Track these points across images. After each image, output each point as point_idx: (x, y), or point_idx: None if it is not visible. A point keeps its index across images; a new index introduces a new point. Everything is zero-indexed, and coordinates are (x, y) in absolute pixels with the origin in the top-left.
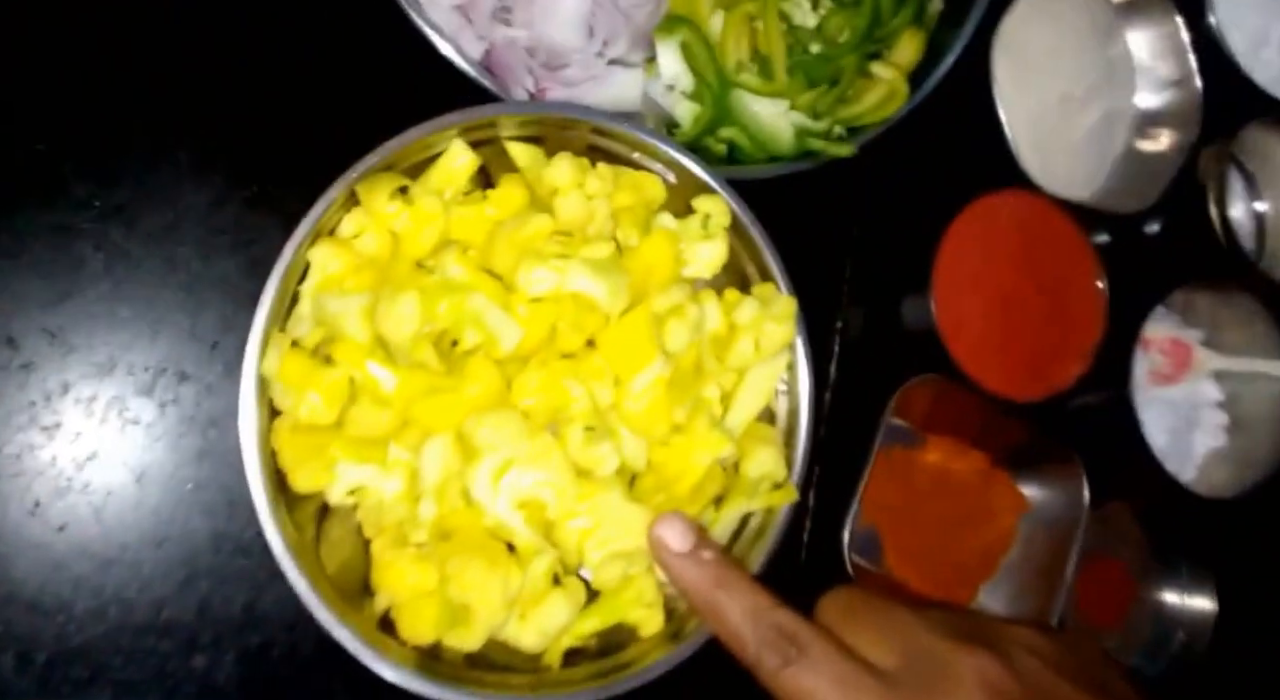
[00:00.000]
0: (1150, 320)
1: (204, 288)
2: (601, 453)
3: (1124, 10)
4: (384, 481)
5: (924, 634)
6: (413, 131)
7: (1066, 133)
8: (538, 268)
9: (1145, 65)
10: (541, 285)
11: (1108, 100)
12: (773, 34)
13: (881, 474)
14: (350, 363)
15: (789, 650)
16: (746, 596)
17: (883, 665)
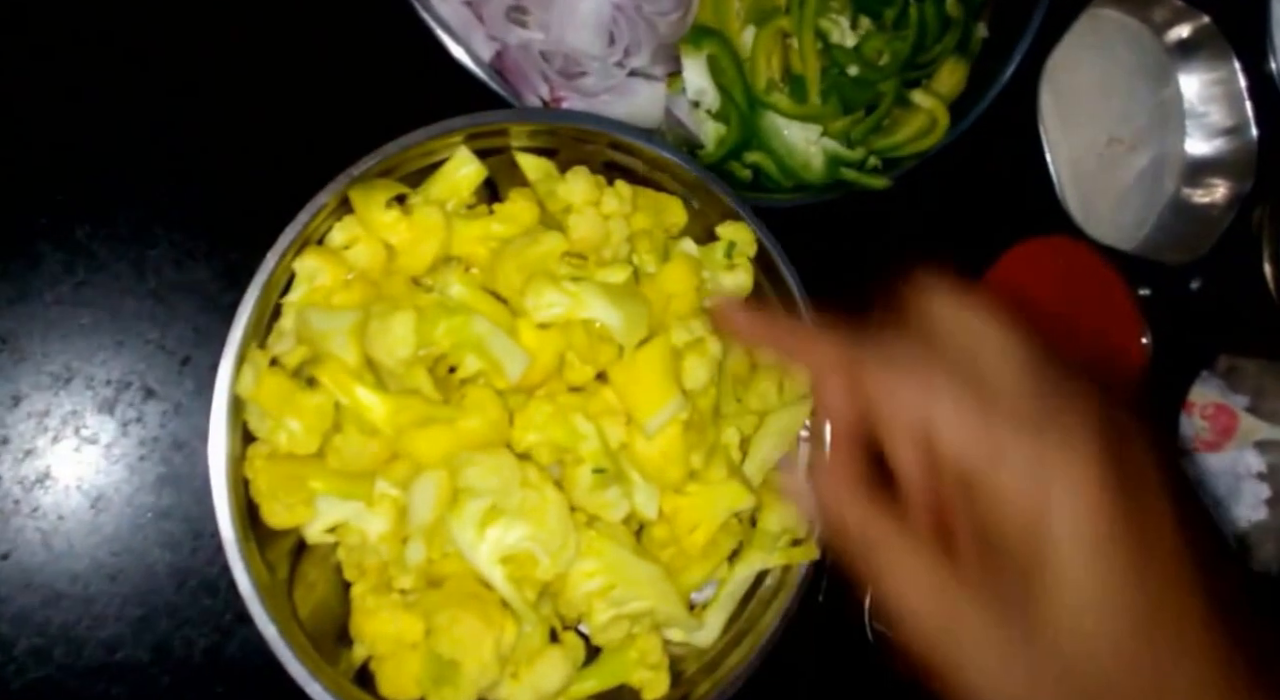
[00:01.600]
0: (1194, 383)
1: (176, 296)
2: (610, 498)
3: (1178, 50)
4: (368, 520)
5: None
6: (414, 135)
7: (1113, 177)
8: (549, 290)
9: (1197, 110)
10: (552, 310)
11: (1157, 145)
12: (808, 53)
13: None
14: (336, 386)
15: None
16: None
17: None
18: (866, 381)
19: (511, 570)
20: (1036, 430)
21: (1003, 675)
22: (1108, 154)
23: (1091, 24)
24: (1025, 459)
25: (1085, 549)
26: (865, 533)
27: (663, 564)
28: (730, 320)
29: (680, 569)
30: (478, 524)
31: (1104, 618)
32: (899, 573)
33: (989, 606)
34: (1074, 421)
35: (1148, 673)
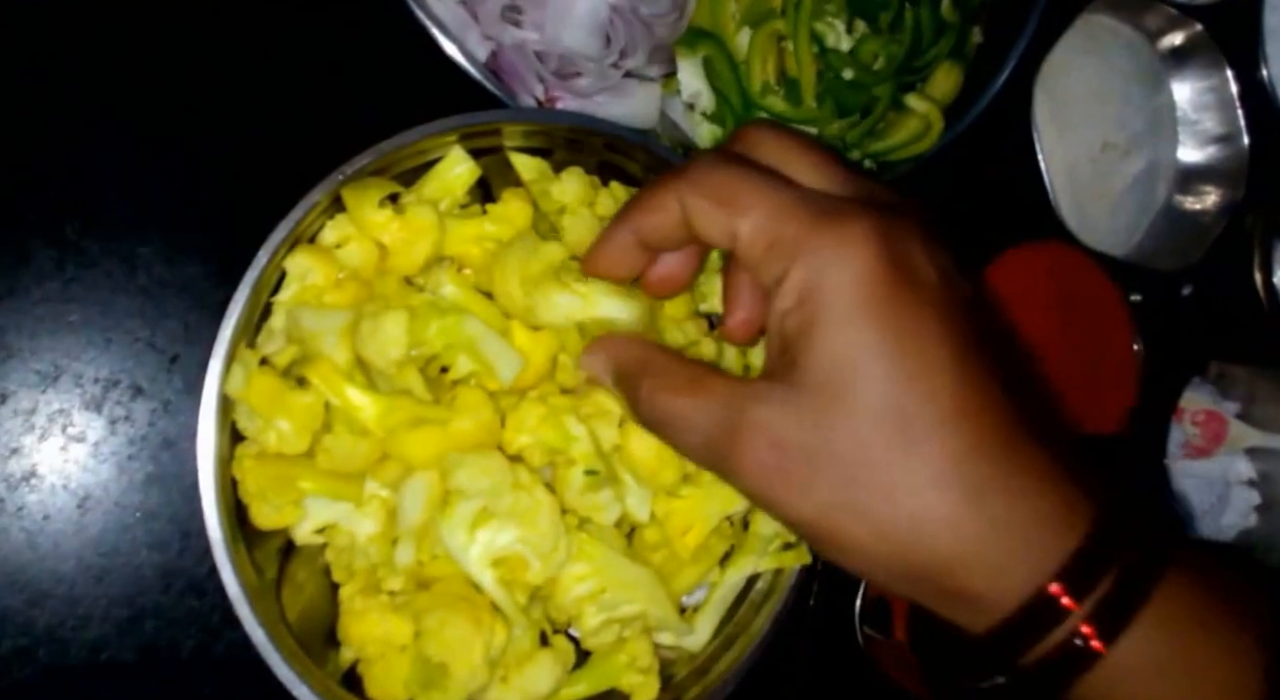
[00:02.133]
0: (1185, 389)
1: (166, 293)
2: (602, 501)
3: (1171, 58)
4: (358, 521)
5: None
6: (408, 134)
7: (1106, 183)
8: (557, 293)
9: (1190, 118)
10: (565, 309)
11: (1150, 152)
12: (803, 55)
13: None
14: (326, 386)
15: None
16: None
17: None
18: (685, 201)
19: (502, 573)
20: (823, 223)
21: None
22: (1101, 160)
23: (1086, 30)
24: (810, 250)
25: (850, 312)
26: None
27: (654, 567)
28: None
29: (672, 572)
30: (468, 526)
31: (865, 380)
32: (680, 389)
33: (779, 404)
34: (855, 213)
35: (897, 435)
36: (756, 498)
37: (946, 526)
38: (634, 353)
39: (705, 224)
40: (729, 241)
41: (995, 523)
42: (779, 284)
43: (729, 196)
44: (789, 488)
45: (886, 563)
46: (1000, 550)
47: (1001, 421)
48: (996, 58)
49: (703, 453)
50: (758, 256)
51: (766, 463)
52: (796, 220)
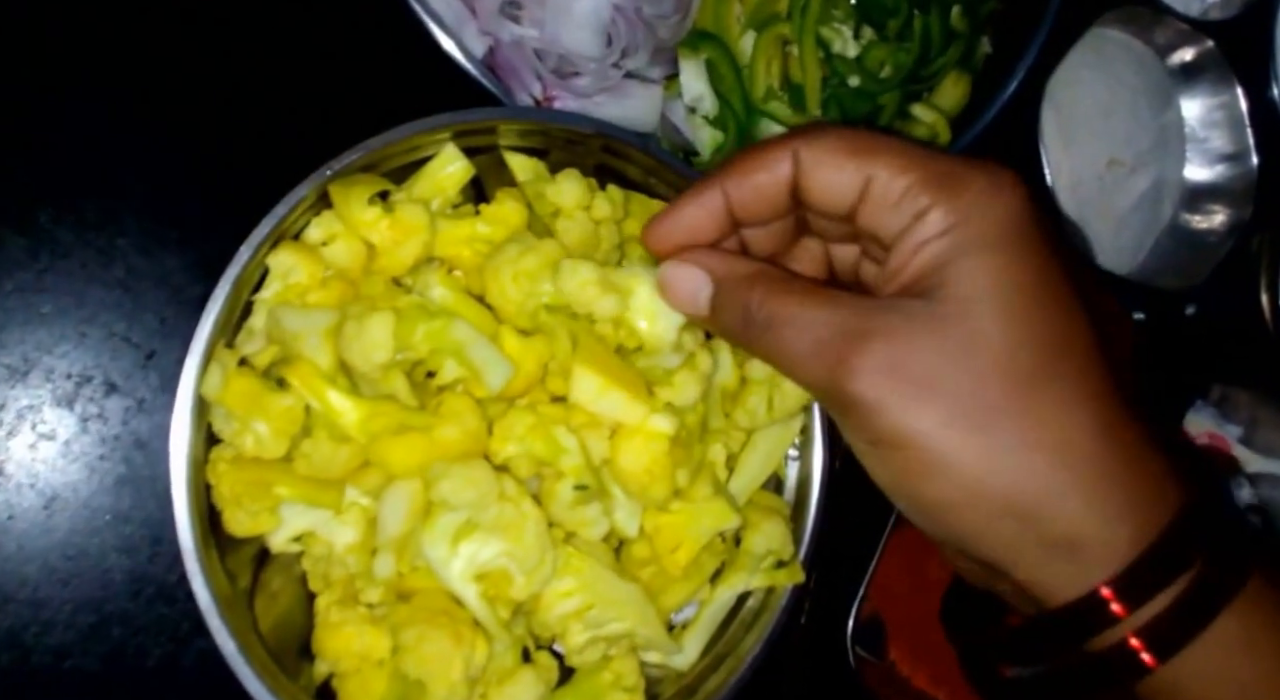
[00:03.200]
0: (1188, 411)
1: (143, 287)
2: (590, 515)
3: (1180, 74)
4: (336, 529)
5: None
6: (400, 130)
7: (1112, 200)
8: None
9: (1198, 135)
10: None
11: (1157, 169)
12: (809, 61)
13: (891, 556)
14: (306, 389)
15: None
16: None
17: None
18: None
19: (485, 588)
20: (972, 165)
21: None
22: (1108, 176)
23: (1095, 44)
24: (963, 184)
25: (1001, 244)
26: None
27: (643, 584)
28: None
29: (661, 589)
30: (451, 539)
31: (1008, 311)
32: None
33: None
34: (994, 164)
35: (1037, 365)
36: (860, 406)
37: (1067, 466)
38: (740, 263)
39: (829, 175)
40: (854, 192)
41: (1113, 474)
42: (920, 217)
43: (861, 145)
44: (903, 399)
45: (991, 495)
46: (1116, 501)
47: (1119, 380)
48: (1004, 69)
49: (810, 358)
50: (896, 195)
51: (883, 369)
52: (939, 161)
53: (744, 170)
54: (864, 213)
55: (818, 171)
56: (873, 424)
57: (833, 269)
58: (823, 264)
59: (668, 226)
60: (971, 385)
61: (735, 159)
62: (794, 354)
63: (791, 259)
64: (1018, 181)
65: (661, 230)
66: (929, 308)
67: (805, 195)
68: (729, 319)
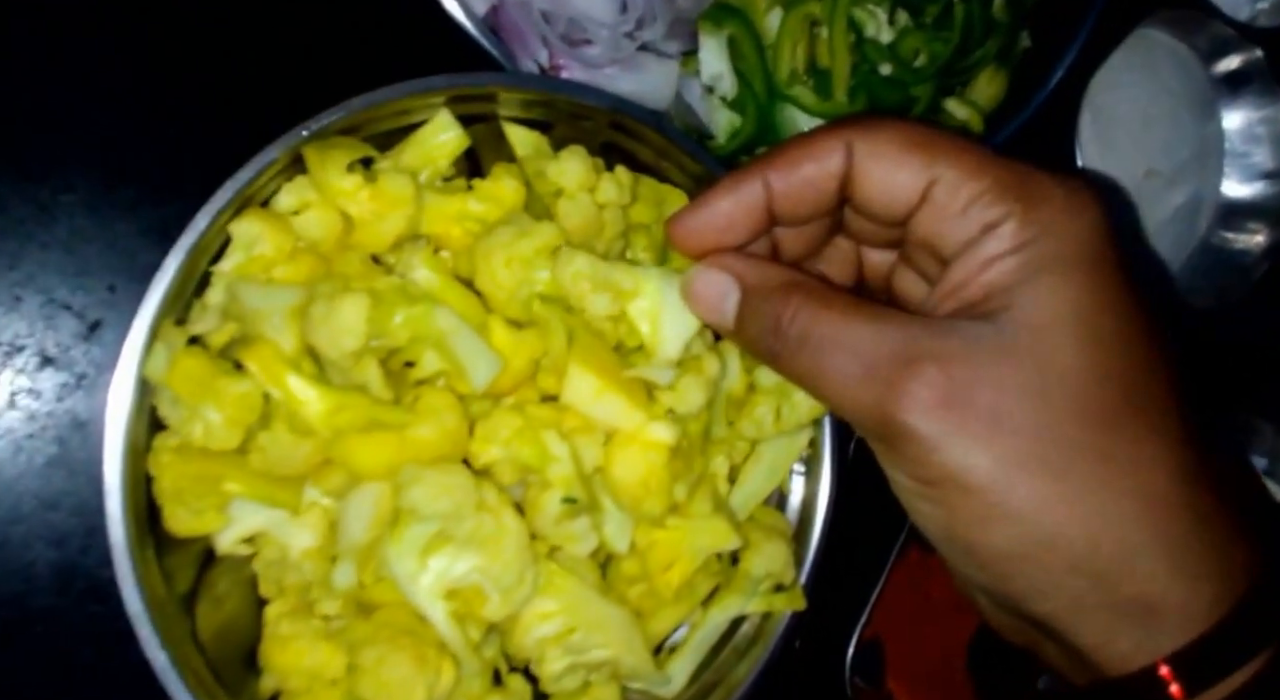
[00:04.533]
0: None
1: (89, 250)
2: (577, 529)
3: (1224, 83)
4: (292, 531)
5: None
6: (389, 90)
7: (1147, 212)
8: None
9: (1238, 149)
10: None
11: (1196, 183)
12: (839, 45)
13: (893, 580)
14: (266, 375)
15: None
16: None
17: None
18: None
19: (455, 607)
20: (1047, 176)
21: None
22: (1145, 187)
23: (1140, 45)
24: (1041, 198)
25: (1081, 266)
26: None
27: (630, 605)
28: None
29: (649, 611)
30: (420, 551)
31: (1087, 345)
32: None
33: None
34: (1071, 176)
35: (1119, 404)
36: (912, 440)
37: (1151, 519)
38: (773, 271)
39: (887, 172)
40: (914, 194)
41: (1197, 531)
42: (990, 229)
43: (926, 141)
44: (963, 434)
45: (1062, 548)
46: (1197, 563)
47: (1199, 422)
48: (1043, 66)
49: (853, 382)
50: (963, 202)
51: (941, 399)
52: (1014, 168)
53: (790, 161)
54: (922, 219)
55: (874, 168)
56: (926, 461)
57: (861, 275)
58: (852, 269)
59: (698, 221)
60: (1045, 422)
61: (780, 148)
62: (834, 376)
63: (818, 260)
64: (1097, 197)
65: (691, 225)
66: (996, 332)
67: (857, 193)
68: (757, 332)
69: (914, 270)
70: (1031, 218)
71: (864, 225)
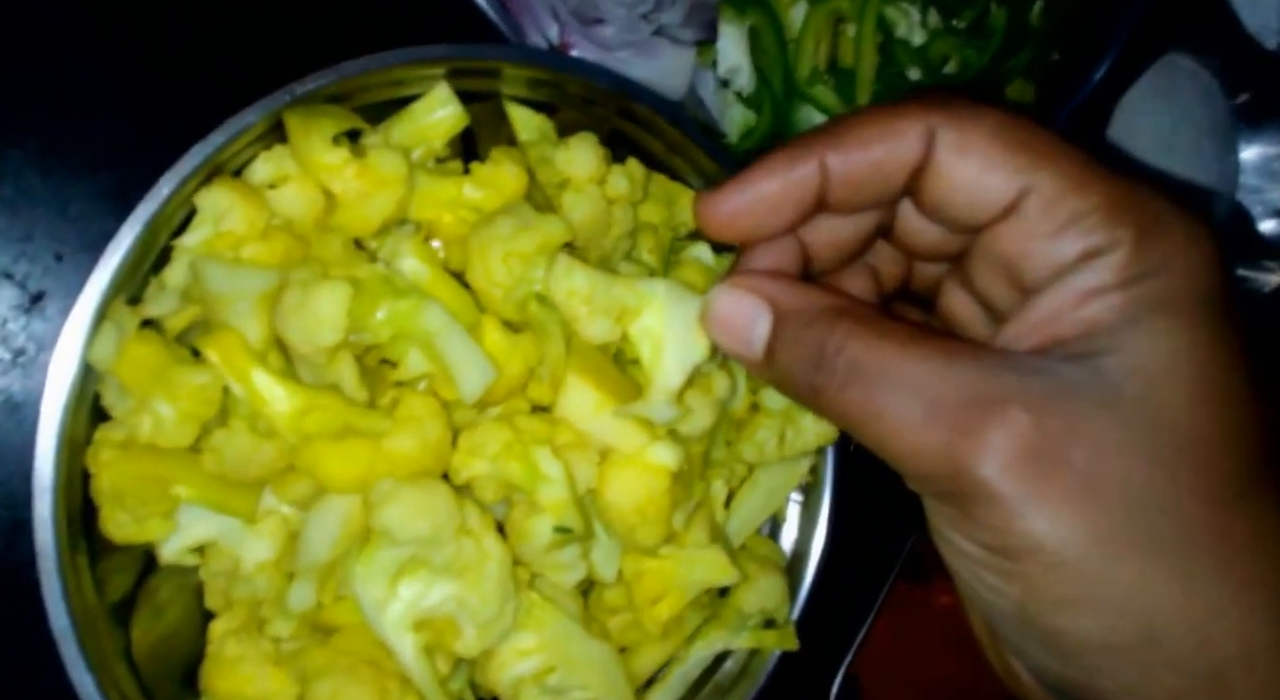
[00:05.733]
0: None
1: (37, 214)
2: (565, 559)
3: (1245, 116)
4: (246, 542)
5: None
6: (384, 56)
7: None
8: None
9: (1252, 184)
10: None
11: (1213, 215)
12: (866, 43)
13: (879, 614)
14: (228, 367)
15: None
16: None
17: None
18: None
19: (425, 639)
20: (1162, 202)
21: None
22: None
23: (1166, 70)
24: (1158, 227)
25: (1203, 311)
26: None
27: (612, 638)
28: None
29: (633, 645)
30: (390, 577)
31: (1207, 402)
32: (903, 370)
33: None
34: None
35: (1239, 475)
36: (987, 499)
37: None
38: (814, 293)
39: (974, 171)
40: (1002, 201)
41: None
42: (1093, 256)
43: (1024, 140)
44: (1053, 497)
45: (1174, 643)
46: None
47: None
48: (1071, 83)
49: (915, 425)
50: (1061, 219)
51: (1026, 452)
52: (1124, 187)
53: (859, 140)
54: (1004, 233)
55: (958, 164)
56: (1004, 527)
57: (884, 288)
58: (874, 282)
59: (736, 203)
60: (1155, 492)
61: (846, 122)
62: (892, 417)
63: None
64: (1212, 231)
65: (726, 207)
66: (1096, 378)
67: (929, 190)
68: (794, 365)
69: (969, 291)
70: (1147, 249)
71: (920, 228)
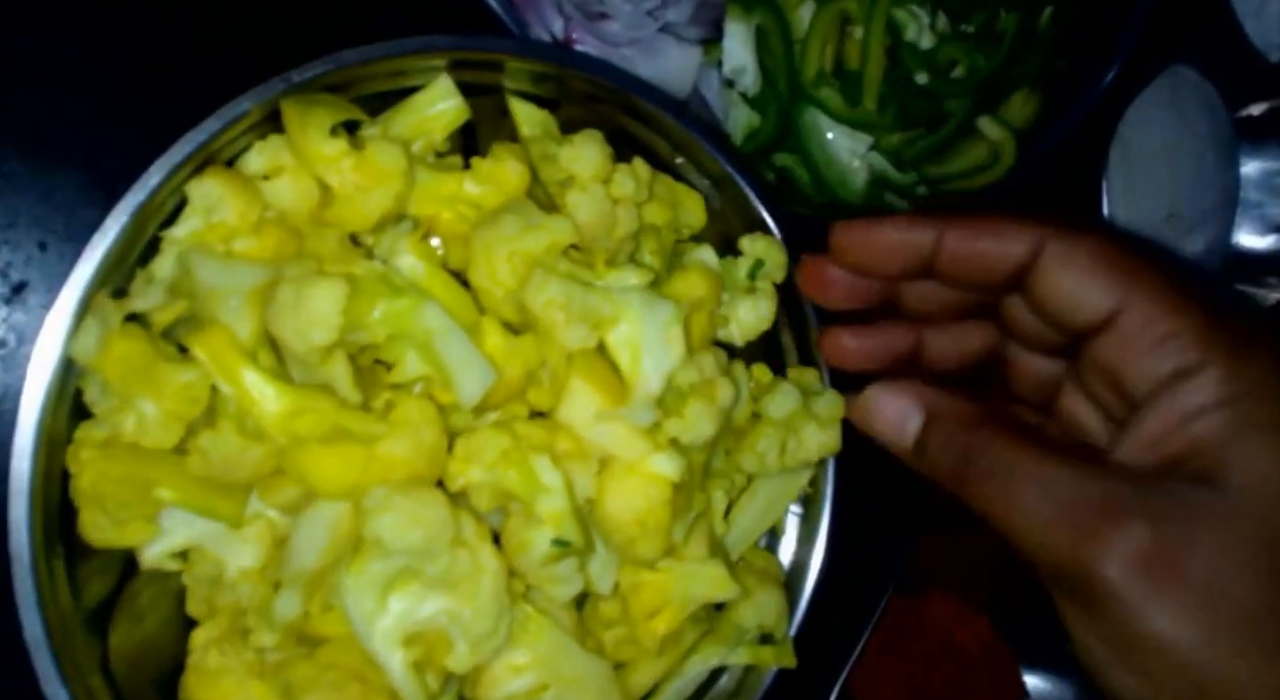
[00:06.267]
0: None
1: (22, 200)
2: (562, 572)
3: (1247, 130)
4: (231, 547)
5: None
6: (384, 46)
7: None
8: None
9: (1252, 199)
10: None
11: (1214, 231)
12: (873, 46)
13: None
14: (216, 365)
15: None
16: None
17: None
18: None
19: (415, 654)
20: (1251, 324)
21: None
22: (1165, 230)
23: (1171, 82)
24: (1252, 347)
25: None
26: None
27: (607, 654)
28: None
29: (628, 660)
30: (380, 590)
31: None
32: (1032, 483)
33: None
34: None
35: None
36: (1109, 598)
37: None
38: (963, 402)
39: (1072, 281)
40: (1099, 314)
41: None
42: (1187, 375)
43: (1122, 262)
44: (1174, 603)
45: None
46: None
47: None
48: (1077, 91)
49: (1052, 521)
50: (1155, 337)
51: (1149, 559)
52: (1215, 312)
53: (973, 228)
54: (1104, 344)
55: (1061, 274)
56: (1124, 624)
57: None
58: (962, 357)
59: (864, 236)
60: (1271, 598)
61: (971, 214)
62: (1027, 509)
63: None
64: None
65: (855, 236)
66: (1209, 495)
67: (1036, 291)
68: (941, 457)
69: (1085, 394)
70: (1238, 372)
71: (1030, 321)
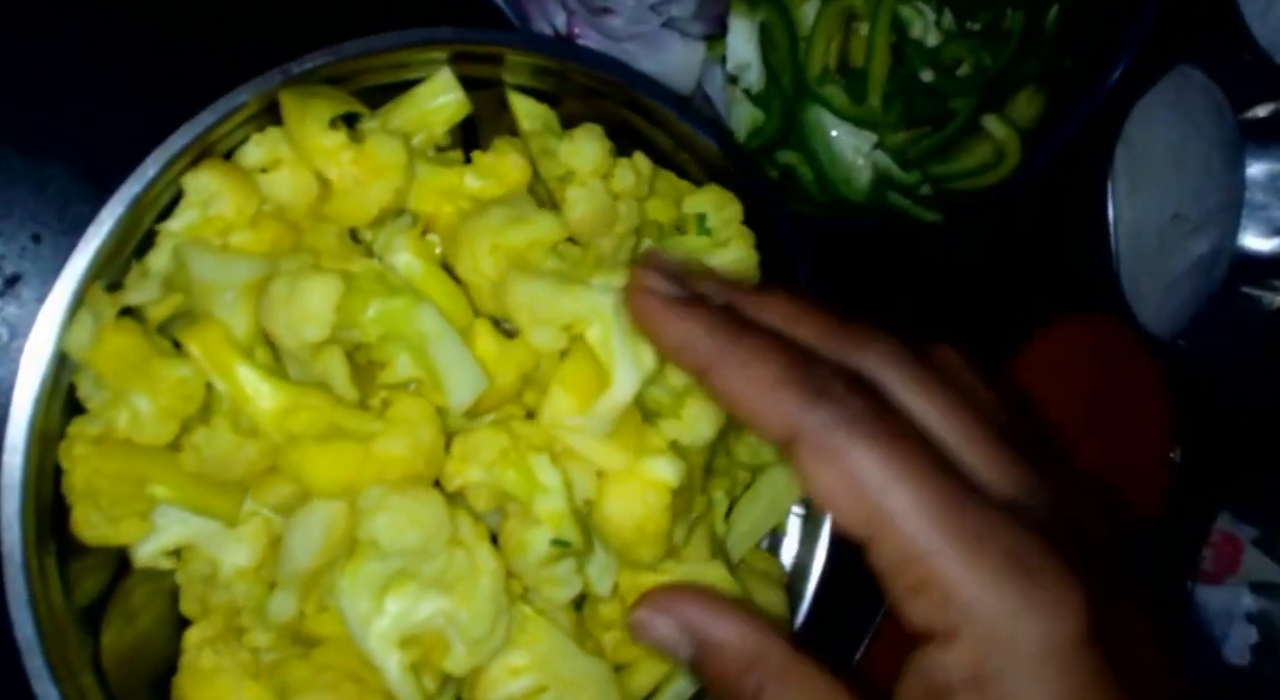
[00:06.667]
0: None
1: (16, 192)
2: (561, 573)
3: (1253, 131)
4: (225, 546)
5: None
6: (385, 38)
7: (1168, 259)
8: (547, 281)
9: (1258, 201)
10: (552, 307)
11: (1219, 233)
12: (879, 43)
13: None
14: (211, 361)
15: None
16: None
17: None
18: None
19: (412, 656)
20: (1008, 577)
21: None
22: (1170, 232)
23: (1177, 82)
24: (993, 618)
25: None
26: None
27: (607, 657)
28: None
29: (629, 662)
30: (377, 591)
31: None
32: None
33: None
34: (1051, 569)
35: None
36: None
37: None
38: (734, 633)
39: (835, 503)
40: (863, 535)
41: None
42: (936, 640)
43: (863, 493)
44: None
45: None
46: None
47: None
48: (1083, 91)
49: None
50: (903, 589)
51: None
52: (968, 559)
53: (749, 383)
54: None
55: (823, 490)
56: None
57: None
58: None
59: (671, 333)
60: None
61: (739, 363)
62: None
63: None
64: (1079, 611)
65: (669, 332)
66: None
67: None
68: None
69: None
70: (983, 651)
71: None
